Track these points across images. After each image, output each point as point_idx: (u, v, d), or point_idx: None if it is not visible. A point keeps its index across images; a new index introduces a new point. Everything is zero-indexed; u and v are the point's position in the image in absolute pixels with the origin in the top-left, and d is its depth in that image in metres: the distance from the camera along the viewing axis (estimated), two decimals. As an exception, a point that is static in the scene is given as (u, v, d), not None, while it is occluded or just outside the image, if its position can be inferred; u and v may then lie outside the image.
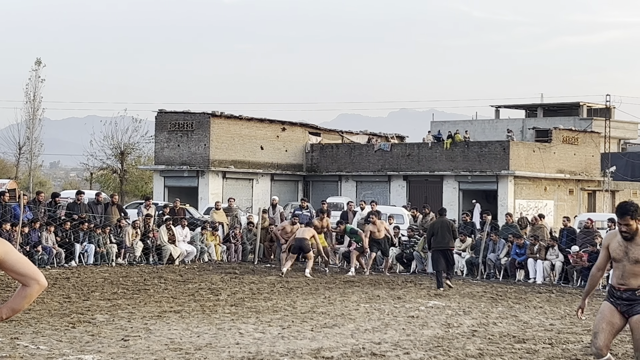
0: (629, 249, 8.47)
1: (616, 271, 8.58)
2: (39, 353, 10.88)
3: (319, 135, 57.64)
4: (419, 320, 14.94)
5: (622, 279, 8.49)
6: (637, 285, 8.44)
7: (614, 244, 8.61)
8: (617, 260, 8.55)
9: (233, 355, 11.08)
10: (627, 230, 8.44)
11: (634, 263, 8.43)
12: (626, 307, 8.48)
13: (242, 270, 24.02)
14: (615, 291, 8.58)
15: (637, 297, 8.46)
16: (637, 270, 8.44)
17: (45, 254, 23.23)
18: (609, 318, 8.53)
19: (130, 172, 64.64)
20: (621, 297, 8.51)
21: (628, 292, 8.48)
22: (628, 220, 8.41)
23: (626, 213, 8.45)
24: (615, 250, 8.56)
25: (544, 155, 51.10)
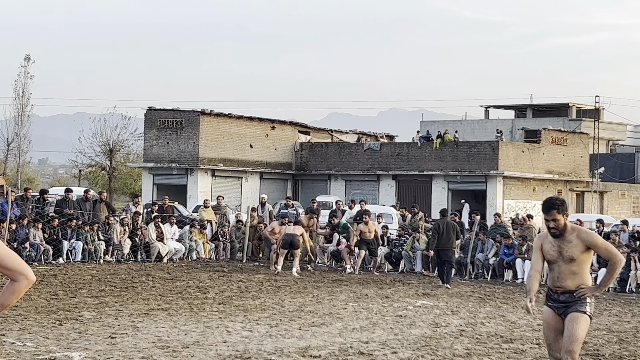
0: (562, 247, 8.13)
1: (552, 273, 8.25)
2: (25, 350, 10.83)
3: (309, 134, 57.62)
4: (406, 320, 14.94)
5: (559, 280, 8.17)
6: (575, 287, 8.09)
7: (547, 245, 8.25)
8: (552, 261, 8.20)
9: (220, 354, 11.05)
10: (555, 226, 8.09)
11: (569, 262, 8.08)
12: (564, 309, 8.16)
13: (230, 268, 23.99)
14: (553, 294, 8.27)
15: (574, 299, 8.11)
16: (573, 269, 8.09)
17: (32, 250, 23.15)
18: (554, 325, 8.21)
19: (119, 170, 64.53)
20: (558, 300, 8.20)
21: (565, 295, 8.15)
22: (555, 215, 8.07)
23: (552, 207, 8.13)
24: (548, 252, 8.21)
25: (532, 156, 51.19)
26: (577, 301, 8.06)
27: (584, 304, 8.07)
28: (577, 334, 7.93)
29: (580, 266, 8.09)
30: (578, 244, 8.05)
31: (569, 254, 8.04)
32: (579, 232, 8.14)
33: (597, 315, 16.84)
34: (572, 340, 7.92)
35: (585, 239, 8.09)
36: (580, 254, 8.05)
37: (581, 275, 8.11)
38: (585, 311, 8.03)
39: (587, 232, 8.24)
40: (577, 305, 8.05)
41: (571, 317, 8.01)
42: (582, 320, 7.99)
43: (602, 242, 8.20)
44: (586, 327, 8.06)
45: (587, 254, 8.10)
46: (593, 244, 8.09)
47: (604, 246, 8.16)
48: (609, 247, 8.19)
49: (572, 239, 8.07)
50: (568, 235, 8.11)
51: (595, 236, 8.26)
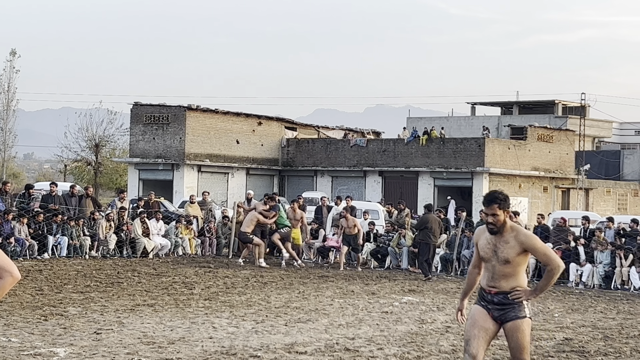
0: (497, 247, 7.64)
1: (486, 272, 7.78)
2: (10, 345, 10.79)
3: (295, 130, 57.59)
4: (392, 316, 14.95)
5: (493, 280, 7.69)
6: (510, 288, 7.64)
7: (482, 242, 7.78)
8: (486, 259, 7.72)
9: (206, 350, 11.04)
10: (493, 221, 7.60)
11: (503, 263, 7.61)
12: (499, 312, 7.70)
13: (216, 264, 23.95)
14: (486, 294, 7.77)
15: (509, 302, 7.66)
16: (507, 271, 7.62)
17: (17, 245, 23.05)
18: (481, 323, 7.70)
19: (104, 165, 64.36)
20: (492, 301, 7.72)
21: (499, 296, 7.68)
22: (495, 209, 7.59)
23: (494, 201, 7.64)
24: (483, 249, 7.73)
25: (519, 153, 51.31)
26: (513, 305, 7.63)
27: (522, 306, 7.66)
28: (523, 343, 7.61)
29: (515, 269, 7.64)
30: (515, 246, 7.58)
31: (504, 255, 7.59)
32: (518, 233, 7.63)
33: (581, 311, 16.90)
34: (521, 351, 7.61)
35: (524, 241, 7.60)
36: (516, 256, 7.60)
37: (516, 277, 7.68)
38: (525, 315, 7.65)
39: (526, 234, 7.71)
40: (515, 310, 7.63)
41: (513, 326, 7.62)
42: (524, 327, 7.63)
43: (542, 247, 7.68)
44: (529, 331, 7.72)
45: (523, 256, 7.64)
46: (531, 247, 7.61)
47: (543, 251, 7.67)
48: (548, 251, 7.72)
49: (509, 239, 7.60)
50: (506, 234, 7.63)
51: (534, 239, 7.70)
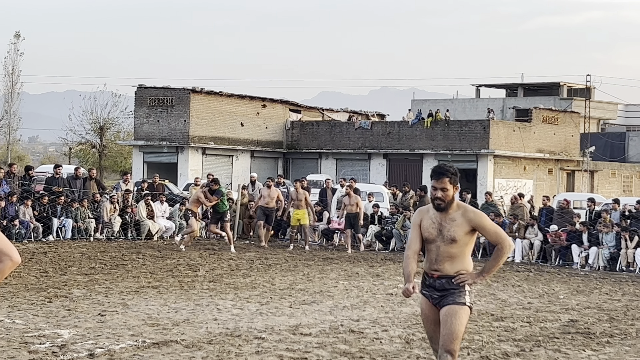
0: (443, 225, 7.09)
1: (429, 254, 7.19)
2: (14, 327, 10.79)
3: (300, 112, 57.48)
4: (397, 298, 14.93)
5: (436, 263, 7.12)
6: (454, 272, 7.09)
7: (427, 222, 7.19)
8: (430, 240, 7.14)
9: (211, 331, 11.03)
10: (442, 196, 7.07)
11: (449, 243, 7.05)
12: (439, 298, 7.13)
13: (220, 246, 23.94)
14: (428, 278, 7.21)
15: (451, 287, 7.08)
16: (453, 251, 7.07)
17: (22, 228, 23.07)
18: (432, 317, 7.20)
19: (109, 148, 64.31)
20: (433, 286, 7.16)
21: (442, 280, 7.11)
22: (446, 183, 7.08)
23: (444, 174, 7.12)
24: (427, 229, 7.15)
25: (523, 135, 51.17)
26: (454, 290, 7.05)
27: (462, 293, 7.07)
28: (456, 331, 6.94)
29: (462, 249, 7.09)
30: (462, 224, 7.05)
31: (451, 234, 7.03)
32: (466, 211, 7.13)
33: (586, 292, 16.86)
34: (452, 339, 6.92)
35: (472, 218, 7.07)
36: (464, 235, 7.05)
37: (462, 259, 7.12)
38: (464, 302, 7.04)
39: (475, 211, 7.16)
40: (454, 295, 7.05)
41: (449, 310, 7.00)
42: (461, 313, 7.00)
43: (491, 225, 7.19)
44: (466, 320, 7.06)
45: (470, 235, 7.11)
46: (480, 225, 7.08)
47: (493, 229, 7.17)
48: (498, 230, 7.21)
49: (456, 217, 7.07)
50: (452, 212, 7.11)
51: (483, 217, 7.17)
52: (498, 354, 10.23)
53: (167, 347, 9.88)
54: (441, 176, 7.12)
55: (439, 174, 7.13)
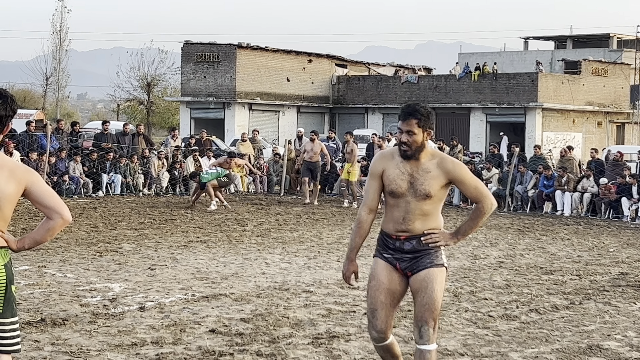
0: (414, 177, 5.93)
1: (395, 212, 5.99)
2: (66, 281, 10.93)
3: (346, 67, 57.26)
4: (445, 251, 14.87)
5: (405, 222, 5.95)
6: (424, 231, 5.96)
7: (393, 171, 5.99)
8: (397, 194, 5.95)
9: (259, 285, 11.09)
10: (408, 141, 5.90)
11: (423, 198, 5.91)
12: (409, 262, 5.99)
13: (268, 201, 24.04)
14: (393, 241, 6.04)
15: (423, 247, 5.98)
16: (426, 208, 5.93)
17: (72, 183, 23.33)
18: (387, 285, 6.04)
19: (156, 104, 64.65)
20: (401, 249, 6.00)
21: (412, 241, 5.97)
22: (413, 126, 5.90)
23: (412, 114, 5.94)
24: (394, 181, 5.95)
25: (572, 87, 50.55)
26: (427, 251, 5.97)
27: (439, 252, 6.02)
28: (438, 298, 5.90)
29: (435, 205, 5.98)
30: (438, 176, 5.93)
31: (425, 188, 5.90)
32: (443, 160, 5.98)
33: (636, 246, 16.70)
34: (434, 308, 5.88)
35: (451, 170, 5.94)
36: (439, 189, 5.94)
37: (434, 216, 6.01)
38: (442, 263, 6.01)
39: (454, 161, 6.03)
40: (431, 256, 5.97)
41: (428, 275, 5.91)
42: (440, 277, 5.96)
43: (472, 178, 6.03)
44: (444, 284, 6.03)
45: (444, 190, 6.00)
46: (459, 178, 5.96)
47: (474, 183, 6.03)
48: (479, 185, 6.07)
49: (431, 167, 5.93)
50: (426, 161, 5.95)
51: (463, 168, 6.02)
52: (547, 307, 10.17)
53: (216, 301, 9.96)
54: (408, 117, 5.94)
55: (406, 114, 5.95)
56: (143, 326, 8.58)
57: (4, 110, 4.73)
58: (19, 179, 4.74)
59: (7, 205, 4.72)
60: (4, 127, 4.77)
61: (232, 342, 8.03)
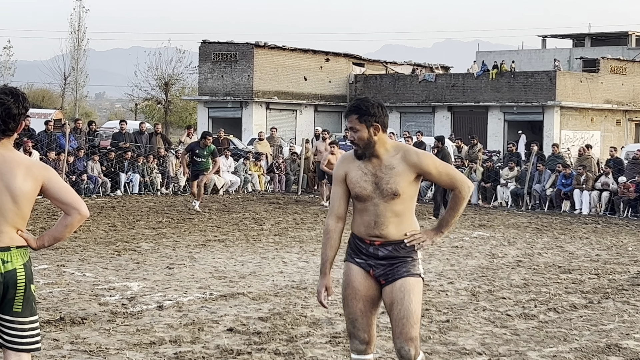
0: (378, 176, 5.44)
1: (364, 216, 5.50)
2: (85, 280, 10.98)
3: (363, 66, 57.21)
4: (463, 251, 14.88)
5: (377, 227, 5.45)
6: (401, 236, 5.47)
7: (355, 174, 5.52)
8: (364, 197, 5.47)
9: (277, 284, 11.11)
10: (354, 139, 5.45)
11: (391, 198, 5.39)
12: (384, 269, 5.48)
13: (285, 200, 24.05)
14: (366, 246, 5.52)
15: (399, 254, 5.48)
16: (397, 209, 5.42)
17: (90, 183, 23.44)
18: (363, 292, 5.53)
19: (174, 103, 64.76)
20: (375, 255, 5.48)
21: (387, 247, 5.47)
22: (354, 122, 5.44)
23: (353, 111, 5.48)
24: (357, 183, 5.48)
25: (591, 86, 50.33)
26: (406, 258, 5.48)
27: (416, 261, 5.54)
28: (416, 311, 5.41)
29: (407, 204, 5.48)
30: (404, 171, 5.43)
31: (391, 187, 5.39)
32: (406, 153, 5.47)
33: None
34: (413, 322, 5.38)
35: (416, 162, 5.43)
36: (408, 185, 5.43)
37: (409, 217, 5.52)
38: (419, 273, 5.54)
39: (417, 152, 5.51)
40: (407, 264, 5.48)
41: (404, 285, 5.42)
42: (418, 288, 5.48)
43: (441, 165, 5.53)
44: (421, 295, 5.53)
45: (414, 185, 5.49)
46: (427, 169, 5.44)
47: (445, 170, 5.52)
48: (451, 170, 5.56)
49: (394, 163, 5.44)
50: (388, 157, 5.45)
51: (429, 157, 5.51)
52: (566, 305, 10.14)
53: (234, 300, 9.98)
54: (349, 113, 5.49)
55: (347, 111, 5.52)
56: (161, 325, 8.61)
57: (17, 108, 4.79)
58: (36, 176, 4.78)
59: (25, 204, 4.76)
60: (18, 125, 4.82)
61: (250, 341, 8.05)
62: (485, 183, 24.86)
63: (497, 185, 24.85)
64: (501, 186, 24.78)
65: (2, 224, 4.71)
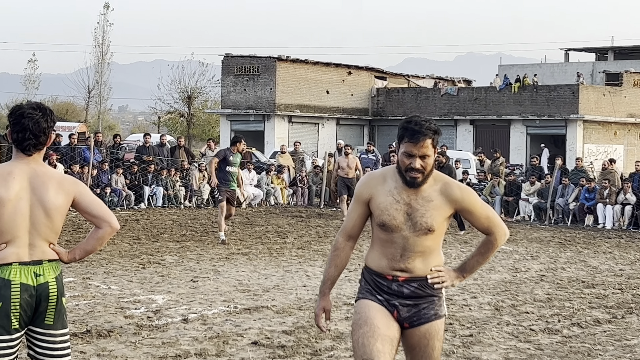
0: (413, 207, 4.82)
1: (388, 247, 4.90)
2: (110, 293, 11.07)
3: (385, 79, 57.27)
4: (486, 265, 14.87)
5: (402, 260, 4.86)
6: (426, 272, 4.92)
7: (384, 199, 4.87)
8: (392, 228, 4.84)
9: (300, 297, 11.15)
10: (422, 167, 4.76)
11: (424, 233, 4.82)
12: (409, 310, 4.89)
13: (308, 213, 24.11)
14: (388, 282, 4.90)
15: (426, 292, 4.91)
16: (427, 244, 4.86)
17: (115, 196, 23.59)
18: (384, 331, 4.82)
19: (197, 116, 65.01)
20: (401, 294, 4.87)
21: (413, 284, 4.89)
22: (427, 147, 4.73)
23: (423, 134, 4.72)
24: (387, 211, 4.84)
25: (614, 99, 50.16)
26: (430, 298, 4.94)
27: (442, 300, 5.02)
28: (437, 357, 4.99)
29: (437, 240, 4.94)
30: (442, 206, 4.87)
31: (426, 221, 4.81)
32: (447, 186, 4.89)
33: None
34: None
35: (458, 198, 4.88)
36: (443, 221, 4.90)
37: (436, 252, 5.00)
38: (445, 313, 5.05)
39: (460, 186, 4.96)
40: (434, 305, 4.95)
41: (430, 330, 4.92)
42: (441, 332, 5.01)
43: (483, 206, 5.01)
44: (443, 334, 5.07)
45: (448, 221, 4.99)
46: (468, 208, 4.93)
47: (485, 212, 4.99)
48: (490, 214, 5.03)
49: (432, 194, 4.85)
50: (427, 187, 4.84)
51: (473, 195, 4.97)
52: (589, 320, 10.14)
53: (259, 313, 10.04)
54: (420, 137, 4.72)
55: (418, 134, 4.72)
56: (186, 338, 8.68)
57: (45, 122, 4.88)
58: (67, 190, 4.87)
59: (57, 217, 4.85)
60: (47, 138, 4.92)
61: (275, 355, 8.10)
62: (508, 197, 24.85)
63: (520, 199, 24.83)
64: (523, 200, 24.76)
65: (35, 238, 4.79)
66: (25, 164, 4.85)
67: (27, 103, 4.97)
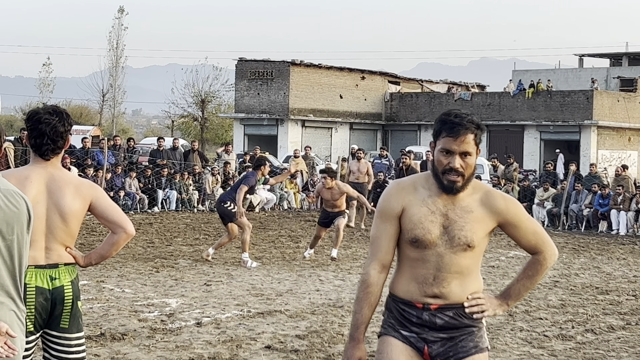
0: (451, 219, 4.11)
1: (419, 268, 4.18)
2: (124, 296, 11.10)
3: (399, 84, 57.26)
4: (499, 270, 14.86)
5: (436, 284, 4.13)
6: (464, 298, 4.18)
7: (418, 209, 4.13)
8: (426, 243, 4.11)
9: (314, 302, 11.16)
10: (462, 168, 4.07)
11: (463, 249, 4.12)
12: (443, 344, 4.14)
13: (321, 218, 24.08)
14: (418, 312, 4.17)
15: (463, 323, 4.17)
16: (465, 263, 4.16)
17: (128, 199, 23.65)
18: None
19: (210, 120, 65.11)
20: (432, 325, 4.14)
21: (448, 313, 4.15)
22: (470, 143, 4.09)
23: (466, 127, 4.06)
24: (420, 223, 4.10)
25: (628, 105, 50.02)
26: (469, 329, 4.20)
27: (482, 331, 4.27)
28: None
29: (476, 259, 4.24)
30: (485, 218, 4.18)
31: (466, 235, 4.11)
32: (489, 196, 4.21)
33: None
34: None
35: (502, 210, 4.19)
36: (484, 236, 4.21)
37: (475, 275, 4.28)
38: (487, 346, 4.28)
39: (505, 197, 4.26)
40: (474, 337, 4.21)
41: None
42: None
43: (529, 220, 4.28)
44: None
45: (489, 237, 4.28)
46: (514, 221, 4.21)
47: (533, 227, 4.26)
48: (539, 228, 4.29)
49: (472, 205, 4.16)
50: (465, 196, 4.15)
51: (519, 206, 4.28)
52: (603, 327, 10.12)
53: (272, 317, 10.05)
54: (462, 129, 4.07)
55: (459, 126, 4.07)
56: (200, 341, 8.70)
57: (62, 126, 4.90)
58: (84, 195, 4.89)
59: (74, 221, 4.87)
60: (65, 142, 4.93)
61: (288, 359, 8.12)
62: (522, 202, 24.79)
63: (533, 205, 24.78)
64: (537, 205, 24.71)
65: (51, 242, 4.82)
66: (43, 168, 4.87)
67: (44, 107, 4.99)
